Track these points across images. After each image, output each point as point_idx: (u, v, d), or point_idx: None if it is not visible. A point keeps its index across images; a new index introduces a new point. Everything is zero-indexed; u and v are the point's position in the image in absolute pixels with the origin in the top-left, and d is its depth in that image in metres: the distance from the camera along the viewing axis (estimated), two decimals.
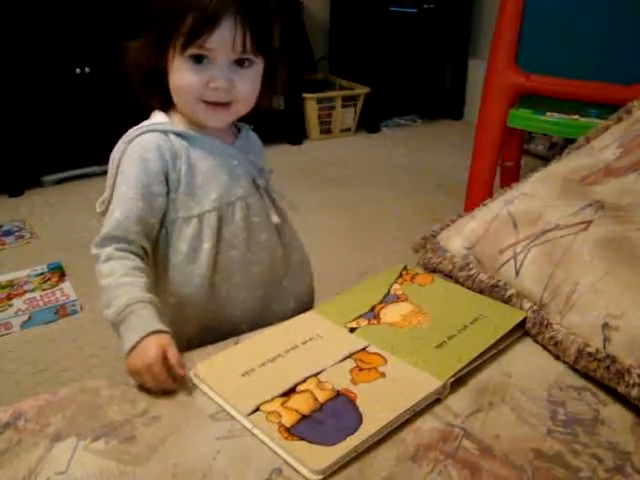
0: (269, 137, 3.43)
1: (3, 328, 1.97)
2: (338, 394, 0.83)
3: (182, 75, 0.95)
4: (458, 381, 0.87)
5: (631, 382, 0.83)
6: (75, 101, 3.03)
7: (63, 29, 2.90)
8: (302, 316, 1.03)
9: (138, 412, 0.82)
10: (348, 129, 3.91)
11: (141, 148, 0.97)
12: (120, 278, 0.91)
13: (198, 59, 0.93)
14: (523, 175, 1.34)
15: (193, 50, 0.92)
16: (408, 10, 3.88)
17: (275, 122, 3.53)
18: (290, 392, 0.83)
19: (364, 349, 0.93)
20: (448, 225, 1.26)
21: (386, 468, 0.73)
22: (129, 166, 0.97)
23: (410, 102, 4.18)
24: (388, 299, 1.07)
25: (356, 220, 2.66)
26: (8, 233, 2.64)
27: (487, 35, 2.77)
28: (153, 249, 1.00)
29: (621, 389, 0.84)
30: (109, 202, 0.99)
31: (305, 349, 0.93)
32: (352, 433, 0.76)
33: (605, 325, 0.89)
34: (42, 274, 2.28)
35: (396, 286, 1.11)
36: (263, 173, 1.08)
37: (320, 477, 0.71)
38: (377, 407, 0.81)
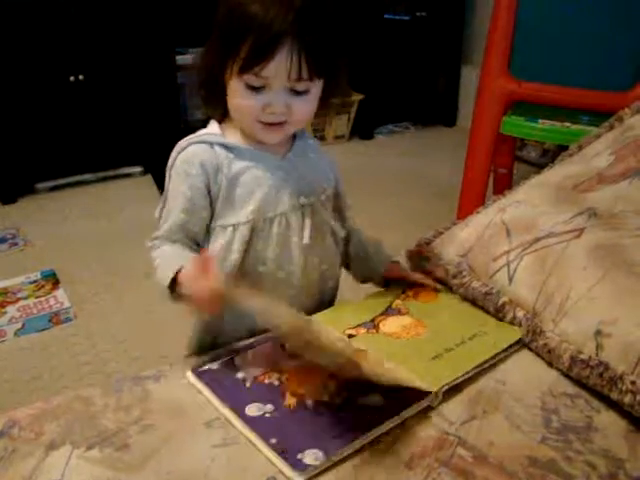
0: None
1: None
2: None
3: (239, 98, 0.96)
4: (453, 389, 0.88)
5: (624, 389, 0.83)
6: (69, 109, 3.03)
7: (57, 37, 2.90)
8: None
9: (132, 420, 0.82)
10: (342, 136, 3.92)
11: (186, 163, 0.99)
12: (169, 256, 0.97)
13: (255, 88, 0.93)
14: (516, 182, 1.35)
15: (249, 77, 0.92)
16: (401, 18, 3.90)
17: None
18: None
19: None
20: (441, 232, 1.26)
21: (381, 475, 0.73)
22: (176, 181, 1.00)
23: (403, 109, 4.19)
24: (389, 312, 1.07)
25: None
26: (1, 241, 2.63)
27: (480, 42, 2.78)
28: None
29: (614, 396, 0.84)
30: (163, 206, 1.03)
31: None
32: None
33: (598, 332, 0.89)
34: (36, 282, 2.28)
35: (398, 301, 1.10)
36: (314, 192, 1.05)
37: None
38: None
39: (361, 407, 0.83)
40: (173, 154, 1.02)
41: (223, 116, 1.03)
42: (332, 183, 1.11)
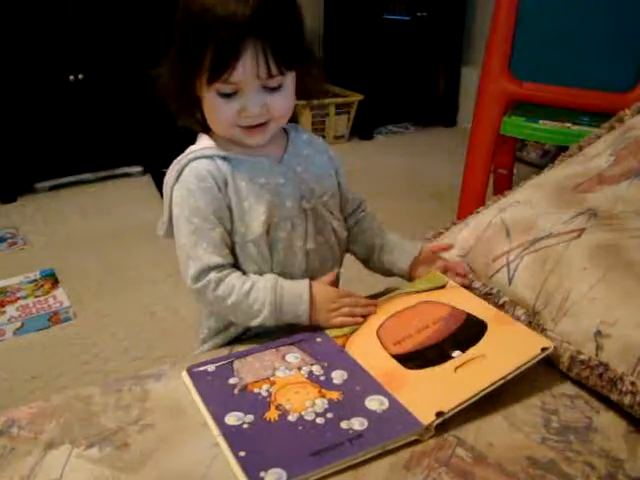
0: None
1: None
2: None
3: (213, 108, 0.95)
4: None
5: (624, 389, 0.83)
6: (69, 108, 3.03)
7: (57, 36, 2.90)
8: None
9: (132, 419, 0.82)
10: (341, 136, 3.92)
11: (196, 178, 0.97)
12: (242, 287, 0.96)
13: (227, 94, 0.92)
14: (516, 182, 1.35)
15: (219, 85, 0.91)
16: (401, 18, 3.90)
17: None
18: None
19: None
20: (441, 233, 1.26)
21: (380, 475, 0.73)
22: (194, 198, 0.97)
23: (403, 109, 4.20)
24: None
25: None
26: (1, 240, 2.63)
27: (480, 42, 2.79)
28: None
29: (614, 397, 0.84)
30: (168, 224, 1.01)
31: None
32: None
33: (598, 333, 0.89)
34: (35, 281, 2.28)
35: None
36: (314, 194, 1.04)
37: None
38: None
39: (343, 431, 0.78)
40: (171, 172, 1.00)
41: (204, 126, 1.02)
42: (333, 178, 1.10)
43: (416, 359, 0.91)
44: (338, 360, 0.93)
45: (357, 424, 0.79)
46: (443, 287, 1.07)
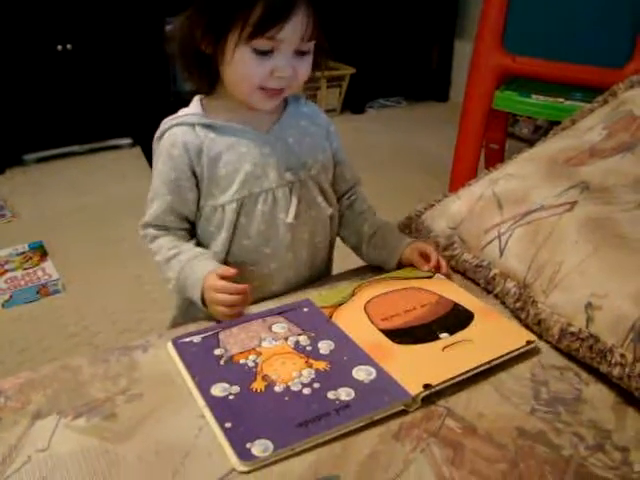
0: None
1: None
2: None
3: (245, 65, 0.93)
4: None
5: (613, 361, 0.83)
6: (57, 79, 2.99)
7: (45, 6, 2.85)
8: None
9: (119, 390, 0.82)
10: (333, 110, 3.89)
11: (169, 144, 1.00)
12: (168, 252, 1.01)
13: (264, 52, 0.92)
14: (507, 158, 1.34)
15: (261, 42, 0.90)
16: None
17: None
18: None
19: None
20: (433, 205, 1.25)
21: (369, 446, 0.73)
22: (160, 162, 1.01)
23: (396, 83, 4.17)
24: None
25: None
26: None
27: (474, 16, 2.76)
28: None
29: (603, 368, 0.84)
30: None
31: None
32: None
33: (588, 305, 0.89)
34: (23, 253, 2.27)
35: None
36: (303, 166, 1.04)
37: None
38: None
39: (330, 401, 0.78)
40: (157, 136, 1.02)
41: (210, 88, 1.02)
42: (327, 153, 1.09)
43: (404, 335, 0.91)
44: (325, 330, 0.92)
45: (344, 394, 0.79)
46: (430, 278, 1.06)
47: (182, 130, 0.99)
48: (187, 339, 0.91)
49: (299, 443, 0.72)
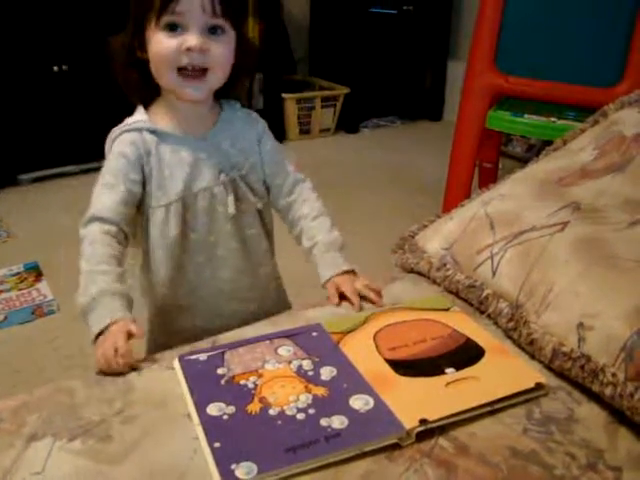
0: None
1: None
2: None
3: (157, 45, 1.00)
4: None
5: (605, 381, 0.84)
6: (53, 99, 3.01)
7: (41, 26, 2.88)
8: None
9: (114, 412, 0.82)
10: (327, 129, 3.92)
11: (121, 144, 1.06)
12: (97, 265, 0.99)
13: (172, 27, 0.98)
14: (501, 176, 1.35)
15: (166, 18, 0.97)
16: (388, 11, 3.90)
17: None
18: None
19: None
20: (426, 225, 1.26)
21: (362, 466, 0.73)
22: (112, 160, 1.06)
23: (389, 103, 4.20)
24: None
25: (334, 221, 2.65)
26: None
27: (467, 36, 2.79)
28: (135, 235, 1.11)
29: (595, 388, 0.85)
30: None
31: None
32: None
33: (580, 325, 0.90)
34: (18, 274, 2.27)
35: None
36: (235, 166, 1.11)
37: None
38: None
39: (321, 428, 0.77)
40: (108, 142, 1.09)
41: (150, 98, 1.10)
42: (257, 155, 1.15)
43: (409, 367, 0.90)
44: (330, 356, 0.92)
45: (337, 422, 0.78)
46: (447, 310, 1.05)
47: (131, 134, 1.06)
48: (193, 357, 0.92)
49: (283, 469, 0.71)
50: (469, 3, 3.85)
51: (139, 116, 1.09)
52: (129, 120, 1.09)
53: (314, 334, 0.98)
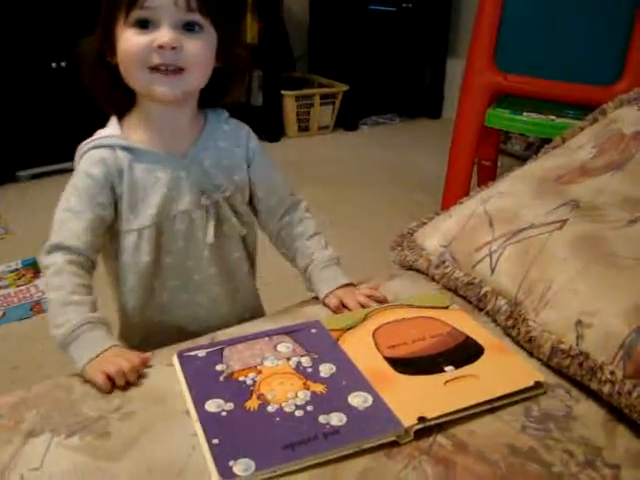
0: None
1: None
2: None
3: (127, 43, 0.91)
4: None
5: (603, 379, 0.84)
6: (51, 95, 3.00)
7: (39, 23, 2.87)
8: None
9: (112, 408, 0.82)
10: (326, 127, 3.91)
11: (89, 162, 0.98)
12: (68, 296, 0.91)
13: (142, 23, 0.90)
14: (500, 175, 1.35)
15: (135, 13, 0.89)
16: (387, 9, 3.90)
17: (253, 119, 3.51)
18: None
19: None
20: (425, 223, 1.26)
21: (361, 463, 0.73)
22: (78, 179, 0.98)
23: (389, 100, 4.20)
24: None
25: (333, 218, 2.65)
26: None
27: (466, 34, 2.79)
28: (105, 259, 1.05)
29: (594, 385, 0.85)
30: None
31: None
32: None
33: (579, 322, 0.90)
34: (17, 270, 2.26)
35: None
36: (218, 188, 1.03)
37: None
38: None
39: (320, 425, 0.77)
40: (76, 159, 1.01)
41: (124, 108, 1.01)
42: (244, 174, 1.07)
43: (408, 365, 0.90)
44: (329, 353, 0.92)
45: (335, 419, 0.78)
46: (446, 308, 1.05)
47: (102, 151, 0.98)
48: (192, 353, 0.92)
49: (281, 465, 0.71)
50: (468, 1, 3.85)
51: (111, 129, 1.00)
52: (101, 133, 1.01)
53: (313, 331, 0.98)
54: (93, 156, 0.97)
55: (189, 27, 0.91)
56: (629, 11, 2.05)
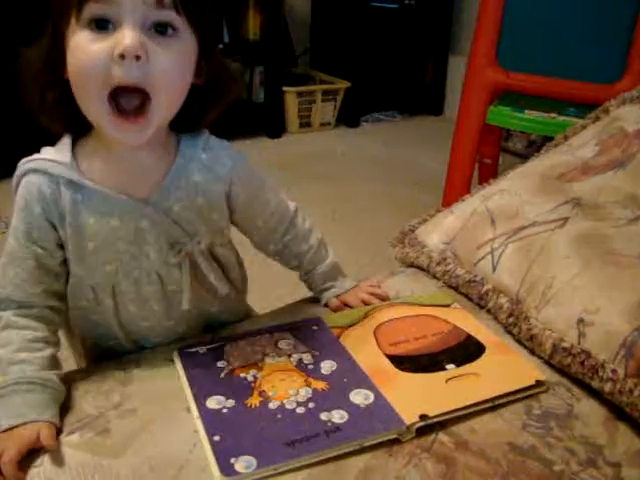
0: (248, 130, 3.42)
1: None
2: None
3: (78, 50, 0.71)
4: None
5: (605, 377, 0.83)
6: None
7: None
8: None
9: (112, 405, 0.82)
10: (328, 123, 3.91)
11: (27, 194, 0.79)
12: (15, 354, 0.78)
13: (100, 24, 0.70)
14: (501, 173, 1.35)
15: (90, 8, 0.69)
16: (389, 6, 3.89)
17: (254, 115, 3.52)
18: None
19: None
20: (426, 220, 1.26)
21: (362, 461, 0.73)
22: (17, 216, 0.80)
23: (390, 97, 4.19)
24: None
25: (335, 215, 2.65)
26: None
27: (468, 32, 2.78)
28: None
29: (595, 384, 0.85)
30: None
31: None
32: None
33: (580, 320, 0.90)
34: None
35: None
36: (193, 237, 0.85)
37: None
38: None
39: (321, 422, 0.76)
40: (14, 179, 0.81)
41: (76, 129, 0.83)
42: (224, 211, 0.90)
43: (409, 362, 0.90)
44: (330, 350, 0.92)
45: (337, 417, 0.78)
46: (447, 306, 1.05)
47: (42, 181, 0.79)
48: (193, 349, 0.91)
49: (283, 463, 0.71)
50: None
51: (59, 154, 0.81)
52: (46, 153, 0.81)
53: (315, 328, 0.97)
54: (30, 187, 0.79)
55: (160, 28, 0.72)
56: (632, 9, 2.04)
